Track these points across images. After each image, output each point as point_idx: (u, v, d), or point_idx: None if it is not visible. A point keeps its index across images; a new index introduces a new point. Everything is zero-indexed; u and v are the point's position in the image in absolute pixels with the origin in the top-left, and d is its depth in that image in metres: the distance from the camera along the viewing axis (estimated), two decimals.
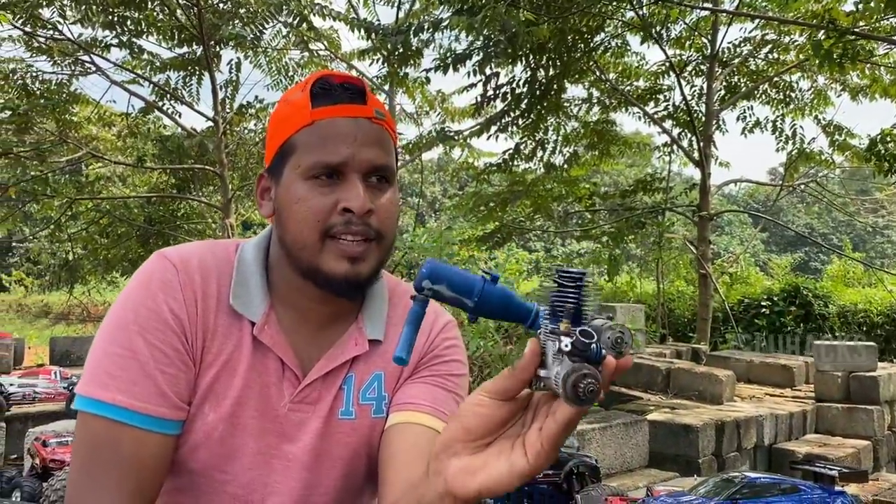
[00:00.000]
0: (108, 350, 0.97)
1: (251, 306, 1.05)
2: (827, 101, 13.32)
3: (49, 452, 5.08)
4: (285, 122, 1.03)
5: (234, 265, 1.07)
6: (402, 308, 1.17)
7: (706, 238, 11.91)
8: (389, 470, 1.03)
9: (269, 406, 1.05)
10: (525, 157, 12.33)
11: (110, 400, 0.95)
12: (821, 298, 12.71)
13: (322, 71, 1.08)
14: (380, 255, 1.04)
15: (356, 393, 1.10)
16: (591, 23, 10.23)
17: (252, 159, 13.90)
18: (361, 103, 1.03)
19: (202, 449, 1.03)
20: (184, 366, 1.00)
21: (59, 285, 15.50)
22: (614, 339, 0.69)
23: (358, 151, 1.00)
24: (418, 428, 1.06)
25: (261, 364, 1.05)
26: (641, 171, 26.48)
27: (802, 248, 32.60)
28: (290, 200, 1.01)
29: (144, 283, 1.02)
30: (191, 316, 1.01)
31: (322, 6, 10.56)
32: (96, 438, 0.96)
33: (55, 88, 11.84)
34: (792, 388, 9.93)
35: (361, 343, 1.10)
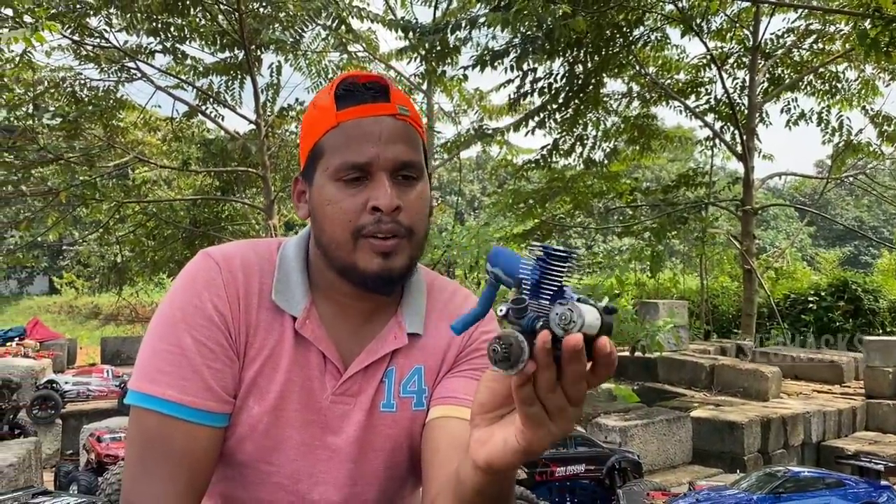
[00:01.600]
0: (158, 347, 1.01)
1: (292, 302, 1.08)
2: (875, 90, 12.98)
3: (103, 448, 5.22)
4: (314, 126, 1.06)
5: (276, 262, 1.11)
6: (441, 302, 1.19)
7: (750, 233, 11.71)
8: (433, 463, 1.05)
9: (312, 398, 1.08)
10: (564, 152, 12.25)
11: (161, 395, 0.99)
12: (871, 293, 12.40)
13: (346, 73, 1.11)
14: (412, 250, 1.06)
15: (397, 386, 1.12)
16: (630, 16, 10.13)
17: (293, 161, 14.06)
18: (385, 101, 1.04)
19: (248, 441, 1.06)
20: (229, 360, 1.04)
21: (108, 287, 15.86)
22: (560, 316, 0.68)
23: (383, 150, 1.02)
24: (459, 421, 1.07)
25: (303, 358, 1.08)
26: (683, 165, 26.13)
27: (852, 241, 31.84)
28: (322, 202, 1.04)
29: (190, 281, 1.05)
30: (234, 312, 1.05)
31: (360, 8, 10.65)
32: (149, 432, 1.00)
33: (102, 95, 12.12)
34: (840, 384, 9.72)
35: (401, 337, 1.12)
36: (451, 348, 1.16)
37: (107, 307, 20.14)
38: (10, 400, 6.22)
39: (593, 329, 0.68)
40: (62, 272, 23.76)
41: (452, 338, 1.16)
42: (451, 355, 1.16)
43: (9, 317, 22.42)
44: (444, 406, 1.10)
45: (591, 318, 0.68)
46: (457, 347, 1.16)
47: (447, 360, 1.15)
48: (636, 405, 7.03)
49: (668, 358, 9.58)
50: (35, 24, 7.87)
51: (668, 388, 9.17)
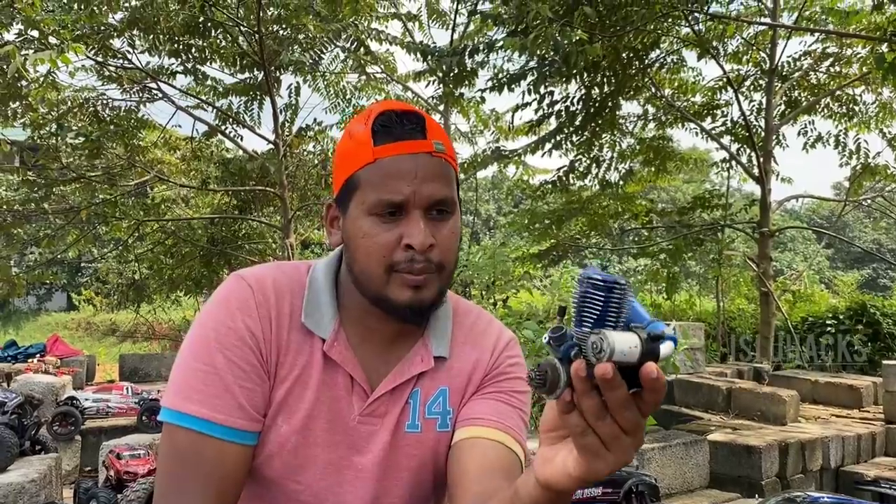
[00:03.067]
0: (192, 366, 1.05)
1: (321, 324, 1.12)
2: (892, 114, 12.94)
3: (123, 465, 5.26)
4: (350, 157, 1.09)
5: (306, 285, 1.15)
6: (466, 326, 1.23)
7: (767, 255, 11.66)
8: (461, 485, 1.08)
9: (340, 419, 1.12)
10: (580, 174, 12.29)
11: (194, 413, 1.03)
12: (889, 317, 12.28)
13: (383, 103, 1.14)
14: (441, 283, 1.10)
15: (422, 407, 1.16)
16: (646, 40, 10.18)
17: (311, 181, 14.15)
18: (421, 137, 1.08)
19: (276, 459, 1.10)
20: (259, 380, 1.08)
21: (126, 304, 15.98)
22: (593, 345, 0.70)
23: (419, 188, 1.05)
24: (486, 442, 1.11)
25: (331, 379, 1.12)
26: (699, 187, 26.05)
27: (870, 264, 31.54)
28: (357, 234, 1.08)
29: (223, 302, 1.10)
30: (265, 333, 1.09)
31: (379, 31, 10.77)
32: (181, 449, 1.03)
33: (124, 115, 12.28)
34: (859, 409, 9.61)
35: (427, 359, 1.16)
36: (477, 371, 1.20)
37: (124, 324, 20.25)
38: (31, 416, 6.30)
39: (629, 357, 0.70)
40: (81, 289, 23.94)
41: (478, 361, 1.20)
42: (477, 378, 1.20)
43: (28, 332, 22.58)
44: (472, 427, 1.13)
45: (622, 345, 0.70)
46: (482, 370, 1.20)
47: (472, 383, 1.19)
48: (653, 427, 6.99)
49: (684, 380, 9.52)
50: (61, 46, 8.01)
51: (684, 410, 9.10)
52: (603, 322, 0.72)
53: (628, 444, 0.76)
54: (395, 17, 11.88)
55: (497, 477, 1.04)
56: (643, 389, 0.73)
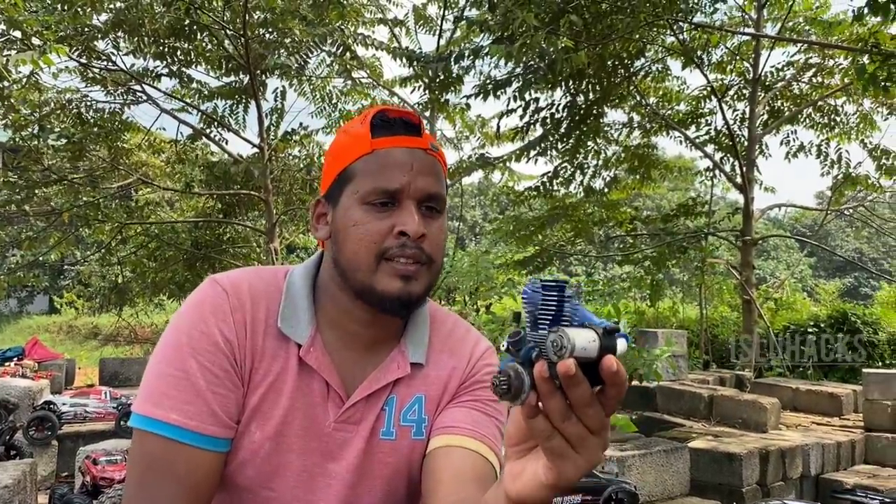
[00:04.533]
0: (163, 371, 1.04)
1: (298, 329, 1.11)
2: (873, 125, 13.08)
3: (99, 471, 5.20)
4: (345, 150, 1.10)
5: (283, 290, 1.14)
6: (443, 334, 1.23)
7: (750, 263, 11.74)
8: (436, 493, 1.07)
9: (314, 425, 1.11)
10: (564, 181, 12.33)
11: (165, 419, 1.01)
12: (870, 325, 12.40)
13: (380, 106, 1.16)
14: (429, 278, 1.10)
15: (397, 414, 1.15)
16: (631, 48, 10.24)
17: (295, 185, 14.11)
18: (417, 136, 1.10)
19: (249, 466, 1.09)
20: (233, 386, 1.07)
21: (109, 307, 15.85)
22: (553, 343, 0.70)
23: (414, 180, 1.06)
24: (461, 451, 1.10)
25: (306, 385, 1.11)
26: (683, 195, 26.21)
27: (852, 273, 31.84)
28: (348, 224, 1.08)
29: (197, 307, 1.08)
30: (240, 339, 1.08)
31: (365, 36, 10.77)
32: (151, 455, 1.02)
33: (108, 117, 12.20)
34: (840, 416, 9.68)
35: (403, 366, 1.16)
36: (453, 379, 1.20)
37: (106, 328, 20.08)
38: (7, 421, 6.21)
39: (589, 352, 0.70)
40: (63, 292, 23.74)
41: (454, 368, 1.20)
42: (453, 386, 1.19)
43: (8, 336, 22.35)
44: (447, 436, 1.13)
45: (582, 341, 0.69)
46: (458, 378, 1.20)
47: (448, 391, 1.19)
48: (634, 435, 7.00)
49: (666, 387, 9.56)
50: (43, 48, 7.96)
51: (666, 417, 9.14)
52: (558, 322, 0.72)
53: (595, 445, 0.75)
54: (382, 22, 11.88)
55: (471, 486, 1.04)
56: (605, 385, 0.72)
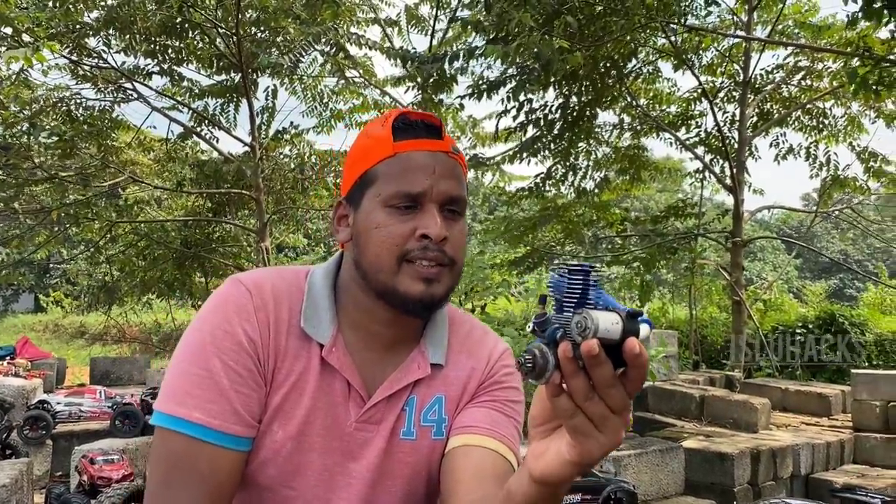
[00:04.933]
0: (187, 370, 1.04)
1: (320, 329, 1.12)
2: (861, 127, 13.20)
3: (97, 470, 5.18)
4: (367, 153, 1.11)
5: (305, 290, 1.14)
6: (462, 335, 1.24)
7: (739, 264, 11.83)
8: (454, 492, 1.08)
9: (336, 425, 1.12)
10: (556, 182, 12.38)
11: (188, 417, 1.01)
12: (857, 326, 12.53)
13: (400, 109, 1.17)
14: (451, 280, 1.11)
15: (417, 414, 1.16)
16: (624, 50, 10.29)
17: (286, 184, 14.07)
18: (439, 139, 1.11)
19: (270, 465, 1.09)
20: (256, 386, 1.07)
21: (97, 306, 15.75)
22: (577, 324, 0.73)
23: (436, 183, 1.07)
24: (481, 451, 1.11)
25: (328, 385, 1.11)
26: (672, 196, 26.35)
27: (837, 274, 32.13)
28: (370, 226, 1.08)
29: (221, 306, 1.09)
30: (263, 338, 1.08)
31: (359, 35, 10.76)
32: (175, 454, 1.02)
33: (98, 115, 12.13)
34: (828, 417, 9.78)
35: (424, 367, 1.16)
36: (472, 380, 1.21)
37: (93, 327, 19.96)
38: (2, 420, 6.16)
39: (612, 334, 0.72)
40: (49, 290, 23.56)
41: (473, 369, 1.21)
42: (472, 386, 1.20)
43: None
44: (467, 435, 1.14)
45: (605, 323, 0.72)
46: (478, 379, 1.21)
47: (468, 391, 1.20)
48: (629, 434, 7.05)
49: (658, 388, 9.62)
50: (35, 44, 7.90)
51: (658, 417, 9.19)
52: (582, 305, 0.75)
53: (617, 424, 0.77)
54: (376, 22, 11.86)
55: (491, 485, 1.04)
56: (627, 367, 0.74)
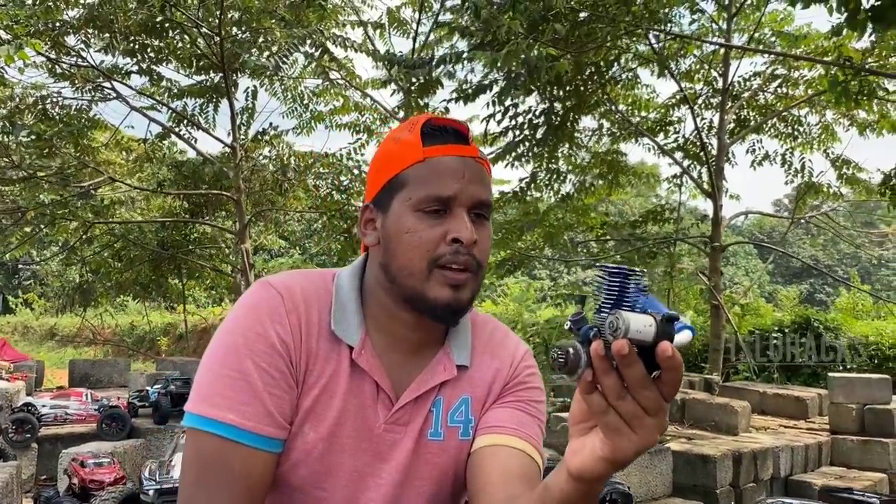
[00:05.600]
0: (220, 372, 1.04)
1: (349, 331, 1.13)
2: (835, 136, 13.44)
3: (88, 473, 5.12)
4: (395, 158, 1.12)
5: (333, 293, 1.15)
6: (485, 336, 1.25)
7: (718, 269, 11.98)
8: (483, 491, 1.10)
9: (366, 427, 1.13)
10: (541, 185, 12.46)
11: (222, 418, 1.02)
12: (832, 331, 12.76)
13: (426, 115, 1.17)
14: (476, 285, 1.12)
15: (445, 416, 1.17)
16: (607, 56, 10.39)
17: (266, 185, 14.00)
18: (466, 144, 1.13)
19: (302, 466, 1.10)
20: (288, 387, 1.08)
21: (72, 308, 15.54)
22: (609, 324, 0.75)
23: (466, 187, 1.09)
24: (508, 450, 1.13)
25: (357, 387, 1.12)
26: (647, 201, 26.62)
27: (808, 279, 32.68)
28: (400, 231, 1.09)
29: (252, 309, 1.09)
30: (296, 341, 1.09)
31: (343, 38, 10.75)
32: (208, 455, 1.02)
33: (75, 114, 11.98)
34: (805, 419, 9.94)
35: (450, 368, 1.18)
36: (497, 381, 1.22)
37: (67, 328, 19.64)
38: None
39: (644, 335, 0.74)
40: (18, 291, 23.14)
41: (498, 370, 1.23)
42: (497, 387, 1.22)
43: None
44: (493, 435, 1.15)
45: (637, 324, 0.74)
46: (503, 380, 1.22)
47: (493, 392, 1.21)
48: None
49: None
50: (18, 42, 7.80)
51: None
52: (619, 306, 0.78)
53: (651, 425, 0.78)
54: (360, 24, 11.85)
55: (519, 484, 1.07)
56: (662, 370, 0.76)
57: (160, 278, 15.18)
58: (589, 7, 8.84)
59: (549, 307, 16.92)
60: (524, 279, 25.09)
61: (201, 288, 18.25)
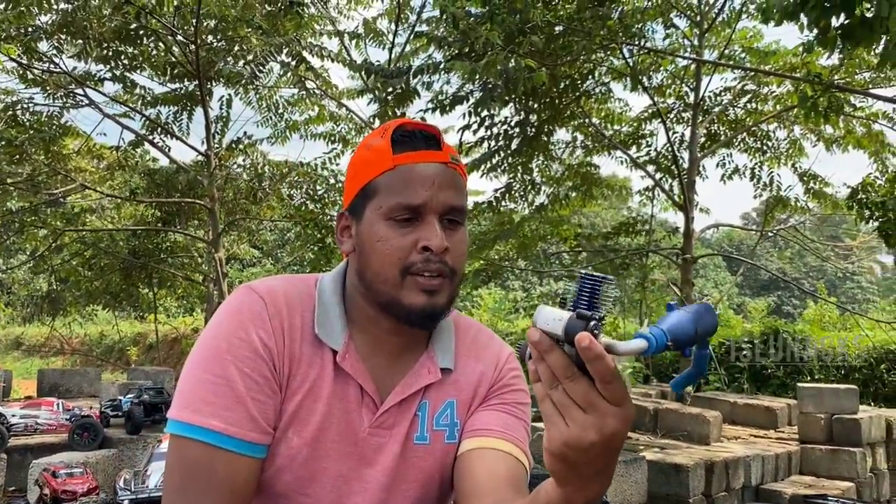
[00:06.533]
0: (202, 378, 1.04)
1: (333, 336, 1.13)
2: (802, 150, 13.71)
3: (60, 483, 5.03)
4: (367, 165, 1.12)
5: (316, 297, 1.16)
6: (469, 339, 1.26)
7: (690, 280, 12.12)
8: (472, 494, 1.10)
9: (350, 431, 1.12)
10: (515, 196, 12.54)
11: (205, 425, 1.01)
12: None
13: (399, 120, 1.17)
14: (452, 290, 1.12)
15: (430, 419, 1.18)
16: (582, 69, 10.52)
17: (240, 195, 13.92)
18: (438, 149, 1.12)
19: (286, 472, 1.10)
20: (272, 392, 1.07)
21: (40, 317, 15.27)
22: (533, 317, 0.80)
23: (436, 194, 1.09)
24: (495, 453, 1.13)
25: (342, 391, 1.12)
26: (617, 213, 26.87)
27: (776, 291, 33.16)
28: (372, 239, 1.09)
29: (235, 314, 1.09)
30: (279, 345, 1.09)
31: (320, 47, 10.76)
32: (192, 462, 1.02)
33: (46, 120, 11.82)
34: (775, 429, 10.07)
35: (434, 371, 1.18)
36: (483, 384, 1.23)
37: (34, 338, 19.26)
38: None
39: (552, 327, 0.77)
40: None
41: (482, 373, 1.24)
42: (483, 391, 1.23)
43: None
44: (480, 438, 1.16)
45: (547, 317, 0.78)
46: (488, 383, 1.23)
47: (478, 395, 1.22)
48: None
49: None
50: None
51: None
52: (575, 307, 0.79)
53: (583, 420, 0.77)
54: (337, 34, 11.87)
55: (507, 487, 1.07)
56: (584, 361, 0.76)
57: (131, 287, 14.98)
58: (565, 20, 8.95)
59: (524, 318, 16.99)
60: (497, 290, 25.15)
61: (173, 297, 18.05)
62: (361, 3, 12.80)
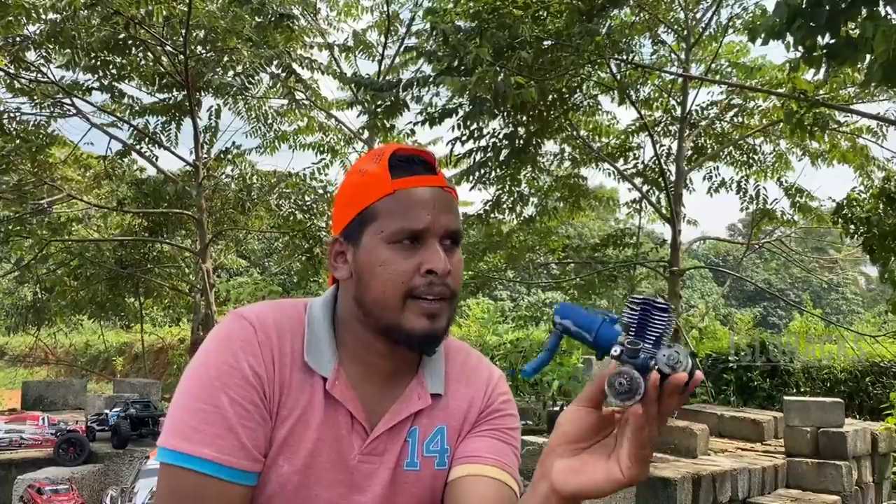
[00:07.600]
0: (192, 405, 1.04)
1: (322, 362, 1.12)
2: (788, 164, 13.82)
3: (45, 500, 4.98)
4: (363, 190, 1.12)
5: (305, 323, 1.15)
6: (458, 364, 1.25)
7: (677, 293, 12.18)
8: None
9: (341, 458, 1.12)
10: (504, 208, 12.59)
11: (196, 453, 1.01)
12: (786, 354, 13.03)
13: (392, 145, 1.18)
14: (451, 313, 1.13)
15: (420, 445, 1.17)
16: (570, 83, 10.59)
17: (227, 204, 13.88)
18: (434, 174, 1.14)
19: (277, 499, 1.09)
20: (262, 420, 1.07)
21: (24, 327, 15.14)
22: (668, 357, 0.82)
23: (437, 218, 1.10)
24: (486, 480, 1.13)
25: (332, 418, 1.12)
26: (605, 224, 26.99)
27: (761, 303, 33.34)
28: (374, 263, 1.09)
29: (224, 341, 1.09)
30: (269, 372, 1.08)
31: (310, 59, 10.77)
32: (182, 490, 1.02)
33: (33, 129, 11.76)
34: (762, 442, 10.09)
35: (424, 397, 1.18)
36: (472, 409, 1.23)
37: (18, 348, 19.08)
38: None
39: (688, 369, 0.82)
40: None
41: (472, 399, 1.23)
42: (473, 416, 1.23)
43: None
44: (471, 465, 1.16)
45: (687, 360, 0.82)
46: (478, 408, 1.23)
47: (468, 421, 1.22)
48: None
49: None
50: None
51: None
52: (660, 339, 0.84)
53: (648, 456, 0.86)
54: (327, 47, 11.89)
55: None
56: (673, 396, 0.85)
57: (117, 297, 14.88)
58: (554, 35, 9.01)
59: (512, 329, 16.99)
60: (486, 300, 25.17)
61: (159, 307, 17.95)
62: (351, 16, 12.84)
